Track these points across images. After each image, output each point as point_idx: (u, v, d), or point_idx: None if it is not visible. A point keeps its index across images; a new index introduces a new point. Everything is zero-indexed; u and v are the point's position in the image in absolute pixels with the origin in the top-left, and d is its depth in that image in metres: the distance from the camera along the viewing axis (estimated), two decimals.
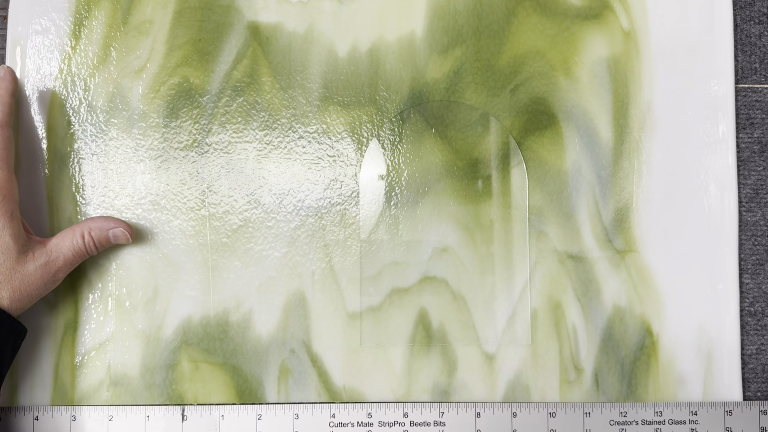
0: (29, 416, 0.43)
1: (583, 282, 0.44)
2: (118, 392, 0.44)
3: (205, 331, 0.44)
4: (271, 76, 0.45)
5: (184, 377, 0.44)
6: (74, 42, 0.45)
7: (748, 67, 0.46)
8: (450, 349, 0.44)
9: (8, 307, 0.38)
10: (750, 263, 0.45)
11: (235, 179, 0.45)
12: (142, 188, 0.45)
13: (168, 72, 0.45)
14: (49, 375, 0.44)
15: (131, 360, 0.44)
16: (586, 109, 0.45)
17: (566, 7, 0.46)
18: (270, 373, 0.44)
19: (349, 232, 0.45)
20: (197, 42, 0.45)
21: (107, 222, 0.42)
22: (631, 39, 0.45)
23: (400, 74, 0.45)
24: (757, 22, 0.47)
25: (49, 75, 0.45)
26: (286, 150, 0.45)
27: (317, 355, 0.44)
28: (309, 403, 0.44)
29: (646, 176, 0.45)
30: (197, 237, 0.44)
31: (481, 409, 0.44)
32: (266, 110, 0.45)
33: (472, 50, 0.45)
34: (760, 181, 0.46)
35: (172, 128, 0.45)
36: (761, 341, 0.45)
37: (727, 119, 0.45)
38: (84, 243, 0.41)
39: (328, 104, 0.45)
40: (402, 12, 0.45)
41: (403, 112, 0.45)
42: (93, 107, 0.45)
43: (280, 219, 0.45)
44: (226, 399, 0.44)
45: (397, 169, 0.45)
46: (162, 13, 0.45)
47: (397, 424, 0.44)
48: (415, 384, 0.44)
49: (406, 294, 0.44)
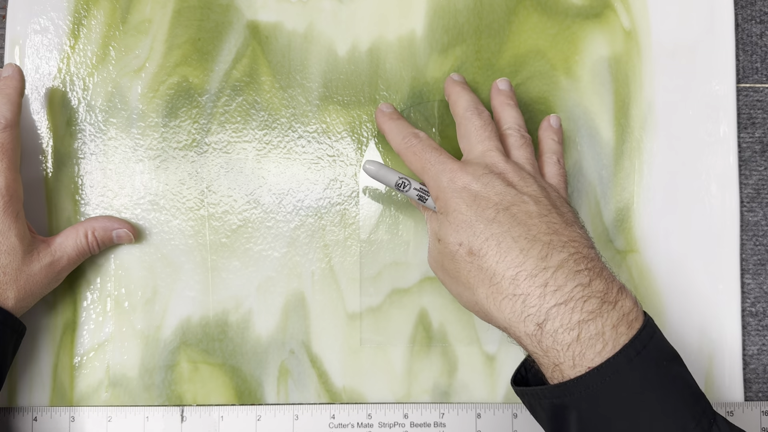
0: (28, 417, 0.43)
1: None
2: (117, 393, 0.44)
3: (204, 332, 0.44)
4: (270, 75, 0.45)
5: (183, 378, 0.44)
6: (73, 41, 0.45)
7: (750, 66, 0.46)
8: (450, 349, 0.44)
9: (13, 307, 0.38)
10: (751, 263, 0.45)
11: (235, 179, 0.45)
12: (141, 188, 0.45)
13: (167, 71, 0.45)
14: (48, 376, 0.44)
15: (130, 361, 0.44)
16: (587, 108, 0.45)
17: (567, 6, 0.45)
18: (269, 374, 0.44)
19: (349, 232, 0.45)
20: (196, 41, 0.45)
21: (111, 222, 0.42)
22: (632, 38, 0.45)
23: (400, 73, 0.45)
24: (759, 21, 0.46)
25: (47, 74, 0.45)
26: (286, 150, 0.45)
27: (317, 355, 0.44)
28: (309, 404, 0.44)
29: (647, 176, 0.45)
30: (196, 237, 0.44)
31: (482, 410, 0.44)
32: (266, 110, 0.45)
33: (473, 49, 0.45)
34: (762, 181, 0.46)
35: (171, 128, 0.45)
36: (762, 342, 0.45)
37: (729, 119, 0.45)
38: (87, 242, 0.41)
39: (328, 104, 0.45)
40: (402, 11, 0.45)
41: (403, 111, 0.45)
42: (92, 107, 0.45)
43: (280, 219, 0.45)
44: (226, 400, 0.44)
45: (397, 169, 0.45)
46: (161, 13, 0.45)
47: (397, 425, 0.43)
48: (415, 384, 0.44)
49: (406, 294, 0.44)
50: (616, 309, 0.32)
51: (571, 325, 0.31)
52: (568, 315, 0.31)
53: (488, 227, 0.34)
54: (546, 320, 0.31)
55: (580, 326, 0.31)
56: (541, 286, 0.32)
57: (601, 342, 0.31)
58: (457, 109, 0.40)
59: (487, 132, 0.38)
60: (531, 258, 0.33)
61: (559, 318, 0.31)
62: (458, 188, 0.36)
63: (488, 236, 0.34)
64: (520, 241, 0.33)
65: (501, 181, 0.36)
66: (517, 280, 0.32)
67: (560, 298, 0.31)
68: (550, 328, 0.31)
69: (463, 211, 0.35)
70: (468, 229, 0.34)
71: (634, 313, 0.32)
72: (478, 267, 0.34)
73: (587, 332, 0.31)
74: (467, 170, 0.36)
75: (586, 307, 0.31)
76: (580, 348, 0.31)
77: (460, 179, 0.36)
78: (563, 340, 0.31)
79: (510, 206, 0.34)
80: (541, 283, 0.32)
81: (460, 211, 0.35)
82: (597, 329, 0.31)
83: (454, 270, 0.36)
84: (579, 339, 0.31)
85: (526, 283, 0.32)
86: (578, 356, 0.31)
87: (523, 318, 0.32)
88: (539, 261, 0.32)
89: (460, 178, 0.36)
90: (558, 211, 0.35)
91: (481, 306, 0.34)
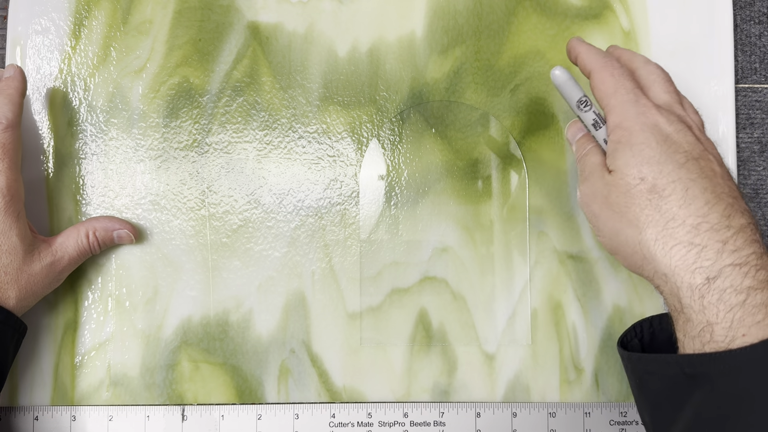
0: (29, 416, 0.43)
1: (583, 282, 0.44)
2: (118, 392, 0.44)
3: (205, 331, 0.44)
4: (271, 76, 0.45)
5: (184, 377, 0.44)
6: (74, 42, 0.45)
7: (748, 67, 0.46)
8: (450, 349, 0.44)
9: (14, 306, 0.39)
10: None
11: (235, 179, 0.45)
12: (142, 188, 0.45)
13: (168, 72, 0.45)
14: (49, 375, 0.44)
15: (131, 360, 0.44)
16: None
17: (566, 7, 0.46)
18: (270, 373, 0.44)
19: (349, 232, 0.45)
20: (197, 42, 0.45)
21: (112, 223, 0.42)
22: (631, 39, 0.45)
23: (400, 74, 0.45)
24: (757, 22, 0.47)
25: (49, 75, 0.45)
26: (286, 150, 0.45)
27: (317, 355, 0.44)
28: (309, 403, 0.44)
29: None
30: (197, 237, 0.44)
31: (481, 409, 0.44)
32: (266, 110, 0.45)
33: (472, 50, 0.45)
34: (760, 181, 0.46)
35: (172, 128, 0.45)
36: None
37: (727, 119, 0.45)
38: (88, 243, 0.41)
39: (328, 104, 0.45)
40: (402, 12, 0.45)
41: (403, 112, 0.45)
42: (93, 107, 0.45)
43: (280, 219, 0.45)
44: (226, 399, 0.44)
45: (397, 169, 0.45)
46: (162, 13, 0.45)
47: (397, 424, 0.44)
48: (415, 384, 0.44)
49: (406, 294, 0.44)
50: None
51: (741, 288, 0.30)
52: (741, 278, 0.31)
53: (677, 170, 0.33)
54: (718, 276, 0.31)
55: (748, 292, 0.30)
56: (721, 242, 0.31)
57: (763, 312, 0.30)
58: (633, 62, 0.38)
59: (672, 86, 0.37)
60: (715, 213, 0.32)
61: (731, 278, 0.31)
62: (649, 123, 0.34)
63: (676, 179, 0.33)
64: (706, 193, 0.32)
65: (691, 134, 0.35)
66: (698, 229, 0.32)
67: (737, 260, 0.31)
68: (720, 285, 0.31)
69: (654, 146, 0.34)
70: (655, 166, 0.33)
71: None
72: (656, 206, 0.33)
73: (753, 300, 0.30)
74: (660, 111, 0.35)
75: (759, 276, 0.31)
76: (742, 313, 0.30)
77: (653, 116, 0.35)
78: (729, 300, 0.30)
79: (699, 158, 0.34)
80: (721, 239, 0.31)
81: (650, 145, 0.34)
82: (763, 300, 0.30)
83: (622, 204, 0.34)
84: (744, 304, 0.30)
85: (706, 235, 0.31)
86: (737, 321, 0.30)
87: (694, 269, 0.31)
88: (723, 218, 0.32)
89: (652, 115, 0.35)
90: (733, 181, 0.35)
91: (645, 246, 0.33)
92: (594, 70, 0.37)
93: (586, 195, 0.36)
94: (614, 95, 0.36)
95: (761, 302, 0.30)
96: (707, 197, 0.32)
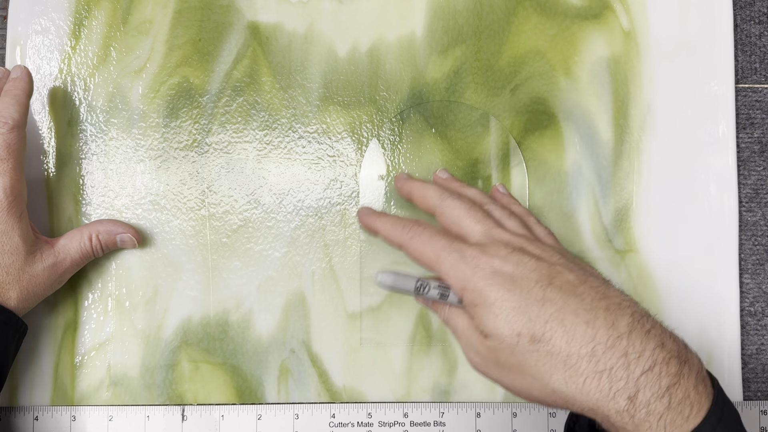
0: (29, 416, 0.43)
1: None
2: (118, 392, 0.44)
3: (205, 331, 0.44)
4: (271, 76, 0.45)
5: (184, 377, 0.44)
6: (74, 42, 0.45)
7: (749, 67, 0.46)
8: (450, 348, 0.44)
9: (15, 307, 0.39)
10: (750, 263, 0.45)
11: (235, 179, 0.45)
12: (142, 188, 0.45)
13: (168, 72, 0.45)
14: (49, 375, 0.44)
15: (131, 360, 0.44)
16: (587, 109, 0.45)
17: (566, 7, 0.46)
18: (270, 373, 0.44)
19: (349, 232, 0.45)
20: (197, 42, 0.45)
21: (115, 226, 0.42)
22: (631, 39, 0.45)
23: (400, 74, 0.45)
24: (757, 22, 0.47)
25: (48, 75, 0.45)
26: (286, 150, 0.45)
27: (317, 355, 0.44)
28: (309, 403, 0.44)
29: (646, 176, 0.45)
30: (197, 237, 0.44)
31: (481, 409, 0.44)
32: (266, 110, 0.45)
33: (472, 50, 0.45)
34: (760, 181, 0.46)
35: (172, 128, 0.45)
36: (761, 341, 0.45)
37: (727, 119, 0.45)
38: (91, 245, 0.41)
39: (328, 104, 0.45)
40: (402, 12, 0.45)
41: (403, 112, 0.45)
42: (93, 107, 0.45)
43: (280, 219, 0.45)
44: (226, 399, 0.44)
45: (397, 169, 0.45)
46: (162, 13, 0.45)
47: (397, 424, 0.44)
48: (415, 384, 0.44)
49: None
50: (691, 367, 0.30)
51: (661, 392, 0.29)
52: (656, 381, 0.29)
53: (543, 308, 0.31)
54: (637, 391, 0.29)
55: (669, 392, 0.29)
56: (622, 356, 0.30)
57: (689, 406, 0.29)
58: (429, 201, 0.38)
59: (479, 211, 0.36)
60: (600, 329, 0.30)
61: (649, 386, 0.29)
62: (488, 274, 0.32)
63: (547, 318, 0.31)
64: (581, 313, 0.31)
65: (527, 257, 0.33)
66: (595, 355, 0.30)
67: (645, 365, 0.30)
68: (642, 398, 0.29)
69: (507, 296, 0.32)
70: (522, 316, 0.31)
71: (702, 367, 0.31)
72: (546, 353, 0.31)
73: (676, 397, 0.29)
74: (489, 252, 0.33)
75: (670, 369, 0.30)
76: (671, 415, 0.29)
77: (486, 263, 0.33)
78: (656, 409, 0.29)
79: (552, 279, 0.32)
80: (621, 353, 0.30)
81: (504, 297, 0.32)
82: (684, 392, 0.29)
83: (515, 364, 0.32)
84: (670, 406, 0.29)
85: (606, 357, 0.30)
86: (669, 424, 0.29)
87: (612, 394, 0.30)
88: (609, 330, 0.30)
89: (485, 263, 0.33)
90: (589, 273, 0.33)
91: (560, 393, 0.31)
92: (403, 244, 0.36)
93: (477, 363, 0.35)
94: (438, 261, 0.34)
95: (683, 396, 0.30)
96: (584, 317, 0.31)
